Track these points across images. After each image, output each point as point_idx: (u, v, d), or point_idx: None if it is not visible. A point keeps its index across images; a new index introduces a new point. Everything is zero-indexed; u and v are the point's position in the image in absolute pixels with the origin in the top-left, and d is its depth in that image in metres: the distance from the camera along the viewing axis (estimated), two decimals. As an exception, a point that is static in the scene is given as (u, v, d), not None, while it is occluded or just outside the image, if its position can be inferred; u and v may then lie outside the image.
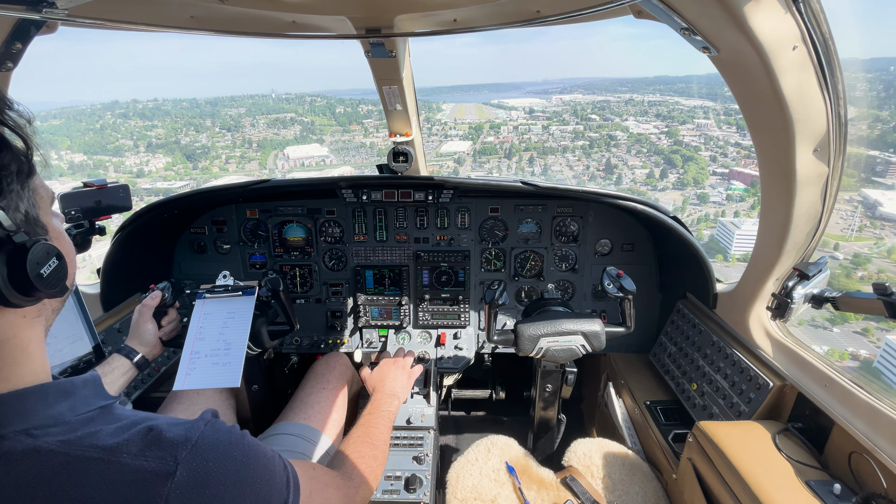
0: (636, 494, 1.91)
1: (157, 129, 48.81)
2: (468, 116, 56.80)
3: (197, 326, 1.72)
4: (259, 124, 51.89)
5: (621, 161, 45.16)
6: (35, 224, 0.74)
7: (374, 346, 2.85)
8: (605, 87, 57.15)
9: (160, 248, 2.73)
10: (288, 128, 52.54)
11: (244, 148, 48.23)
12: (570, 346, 1.89)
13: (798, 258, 1.75)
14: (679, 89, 50.67)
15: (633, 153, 45.99)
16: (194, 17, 1.57)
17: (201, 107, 52.96)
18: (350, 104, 55.31)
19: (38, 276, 0.70)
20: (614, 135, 48.20)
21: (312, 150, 47.70)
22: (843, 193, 1.78)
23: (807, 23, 1.18)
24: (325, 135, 52.33)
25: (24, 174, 0.72)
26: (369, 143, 49.67)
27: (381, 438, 1.61)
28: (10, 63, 1.49)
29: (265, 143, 48.97)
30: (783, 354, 1.81)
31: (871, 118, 15.67)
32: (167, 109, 52.07)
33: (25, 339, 0.75)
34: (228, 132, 49.63)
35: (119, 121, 50.01)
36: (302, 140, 51.01)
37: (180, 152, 46.13)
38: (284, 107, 55.81)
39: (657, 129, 47.29)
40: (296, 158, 45.77)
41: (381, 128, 50.18)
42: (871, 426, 1.39)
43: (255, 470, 0.84)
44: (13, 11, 1.16)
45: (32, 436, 0.70)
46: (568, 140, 49.65)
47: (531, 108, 56.74)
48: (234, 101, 54.35)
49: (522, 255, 2.80)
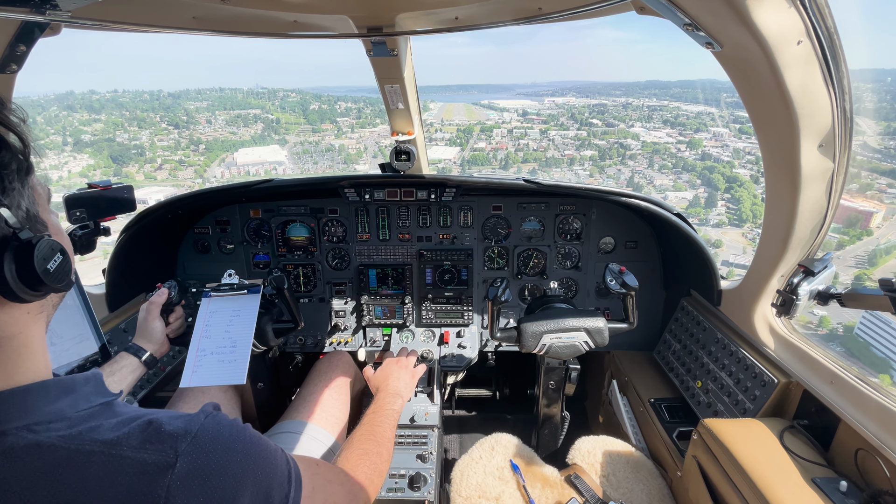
0: (640, 492, 1.91)
1: (96, 125, 41.14)
2: (456, 117, 50.81)
3: (203, 324, 1.74)
4: (217, 121, 44.67)
5: (644, 179, 35.83)
6: (36, 221, 0.75)
7: (377, 345, 2.85)
8: (599, 91, 52.02)
9: (164, 248, 2.75)
10: (250, 125, 45.41)
11: (188, 150, 40.38)
12: (574, 343, 1.89)
13: (803, 254, 1.74)
14: (676, 94, 45.74)
15: (656, 167, 37.28)
16: (196, 18, 1.58)
17: (161, 99, 45.66)
18: (327, 101, 48.76)
19: (46, 272, 0.72)
20: (625, 143, 40.78)
21: (267, 154, 40.61)
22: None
23: (811, 17, 1.16)
24: (291, 134, 45.22)
25: (24, 172, 0.73)
26: (339, 146, 42.64)
27: (385, 437, 1.62)
28: (15, 65, 1.50)
29: (214, 145, 41.35)
30: (788, 351, 1.80)
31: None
32: (124, 102, 44.45)
33: (29, 335, 0.76)
34: (176, 129, 41.66)
35: (64, 113, 41.95)
36: (260, 141, 43.90)
37: (109, 153, 38.33)
38: (252, 102, 48.30)
39: (672, 138, 39.49)
40: (243, 164, 38.34)
41: (358, 127, 39.75)
42: (878, 423, 1.38)
43: (257, 462, 0.84)
44: (17, 14, 1.17)
45: (34, 431, 0.71)
46: (572, 148, 42.56)
47: (524, 109, 50.63)
48: (200, 95, 47.62)
49: (525, 253, 2.79)
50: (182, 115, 43.07)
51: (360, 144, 40.42)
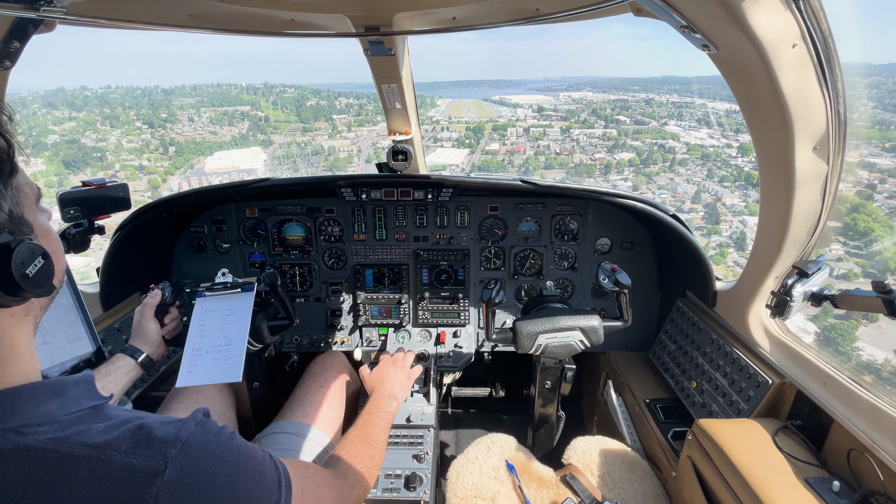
0: (636, 492, 1.91)
1: (68, 124, 35.47)
2: (466, 114, 44.56)
3: (198, 324, 1.73)
4: (201, 119, 38.77)
5: (712, 195, 26.27)
6: (20, 223, 0.73)
7: (373, 344, 2.85)
8: (615, 86, 46.42)
9: (159, 247, 2.73)
10: (236, 124, 39.27)
11: (157, 152, 34.48)
12: (569, 342, 1.90)
13: (797, 256, 1.75)
14: (698, 90, 39.12)
15: (717, 179, 27.49)
16: (193, 16, 1.57)
17: (153, 95, 40.70)
18: (326, 96, 42.92)
19: (24, 277, 0.69)
20: (667, 145, 32.48)
21: (241, 160, 33.94)
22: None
23: (806, 20, 1.17)
24: (280, 133, 39.32)
25: (6, 173, 0.71)
26: (328, 147, 36.71)
27: (378, 439, 1.61)
28: (8, 62, 1.49)
29: (186, 147, 35.47)
30: (782, 352, 1.82)
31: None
32: (114, 98, 39.18)
33: (14, 337, 0.75)
34: (150, 128, 35.89)
35: (44, 111, 35.83)
36: (242, 142, 37.89)
37: (65, 157, 31.73)
38: (244, 98, 42.44)
39: (714, 139, 31.70)
40: (212, 172, 31.69)
41: (356, 125, 35.49)
42: (870, 424, 1.39)
43: (245, 471, 0.84)
44: (11, 10, 1.16)
45: (22, 434, 0.70)
46: (603, 151, 34.38)
47: (539, 105, 43.35)
48: (195, 91, 42.15)
49: (522, 254, 2.80)
50: (163, 112, 38.19)
51: (355, 146, 36.67)
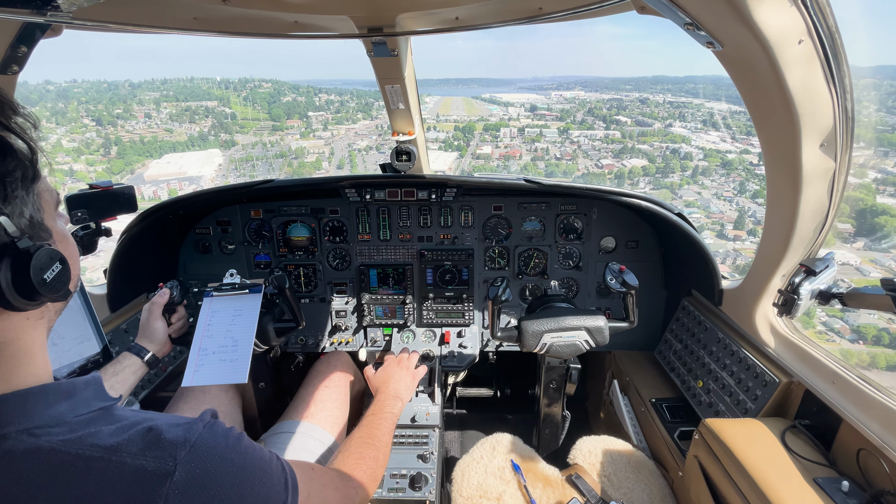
0: (642, 492, 1.91)
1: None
2: (455, 112, 40.95)
3: (205, 324, 1.74)
4: (160, 115, 35.00)
5: (748, 214, 20.88)
6: (40, 228, 0.75)
7: (378, 344, 2.86)
8: (606, 86, 44.49)
9: (165, 248, 2.75)
10: (197, 121, 35.03)
11: (97, 153, 30.53)
12: (574, 342, 1.89)
13: (805, 254, 1.74)
14: (690, 90, 35.62)
15: (749, 195, 22.64)
16: (197, 19, 1.58)
17: (118, 89, 38.22)
18: (305, 92, 39.03)
19: (42, 282, 0.71)
20: (681, 150, 27.91)
21: (193, 164, 29.45)
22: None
23: (813, 16, 1.16)
24: (248, 133, 35.20)
25: (29, 179, 0.72)
26: (296, 149, 33.11)
27: (382, 440, 1.62)
28: (16, 66, 1.50)
29: (132, 148, 31.45)
30: (790, 351, 1.80)
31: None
32: (76, 93, 35.56)
33: (28, 340, 0.76)
34: (97, 125, 31.91)
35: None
36: (201, 143, 33.60)
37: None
38: (214, 92, 38.35)
39: (727, 143, 27.19)
40: (151, 179, 26.85)
41: (333, 124, 31.83)
42: (880, 423, 1.37)
43: (253, 472, 0.85)
44: (18, 15, 1.17)
45: (34, 435, 0.71)
46: (609, 156, 30.66)
47: (532, 104, 40.10)
48: (165, 85, 38.26)
49: (526, 253, 2.79)
50: (118, 108, 34.50)
51: (328, 147, 32.99)
